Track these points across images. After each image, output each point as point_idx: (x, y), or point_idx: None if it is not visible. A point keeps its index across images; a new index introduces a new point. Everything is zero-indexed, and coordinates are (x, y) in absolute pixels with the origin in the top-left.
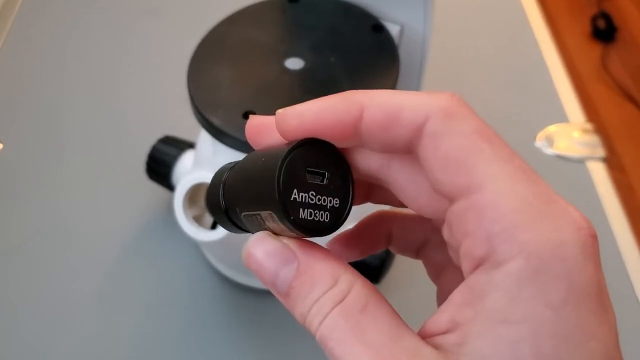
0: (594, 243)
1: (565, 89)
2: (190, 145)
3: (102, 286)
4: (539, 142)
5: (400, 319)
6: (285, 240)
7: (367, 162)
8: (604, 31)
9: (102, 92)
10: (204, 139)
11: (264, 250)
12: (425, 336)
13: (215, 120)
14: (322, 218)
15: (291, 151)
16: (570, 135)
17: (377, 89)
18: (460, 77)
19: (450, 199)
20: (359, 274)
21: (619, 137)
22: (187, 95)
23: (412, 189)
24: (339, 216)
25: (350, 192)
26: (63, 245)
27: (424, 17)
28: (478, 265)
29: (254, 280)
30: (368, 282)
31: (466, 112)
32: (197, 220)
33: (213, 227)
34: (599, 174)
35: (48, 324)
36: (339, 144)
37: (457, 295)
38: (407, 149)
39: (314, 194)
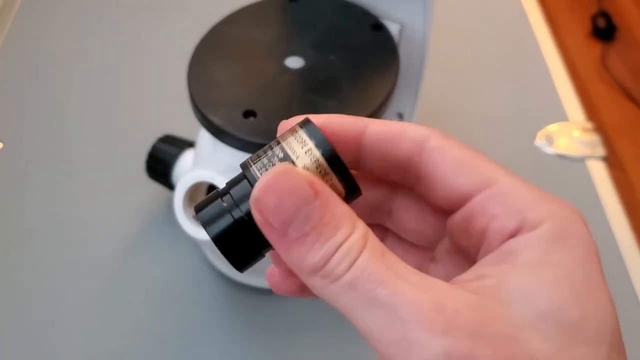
0: (582, 217)
1: (565, 88)
2: (190, 144)
3: (102, 285)
4: (539, 141)
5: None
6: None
7: (371, 194)
8: (604, 30)
9: (102, 91)
10: (204, 138)
11: (288, 185)
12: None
13: (215, 119)
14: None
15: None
16: (570, 134)
17: (377, 87)
18: (460, 76)
19: (467, 196)
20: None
21: (619, 136)
22: (187, 94)
23: (413, 213)
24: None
25: (328, 147)
26: (63, 243)
27: (424, 16)
28: (511, 237)
29: (254, 279)
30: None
31: (453, 138)
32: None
33: None
34: (599, 172)
35: (48, 322)
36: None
37: (485, 259)
38: (405, 165)
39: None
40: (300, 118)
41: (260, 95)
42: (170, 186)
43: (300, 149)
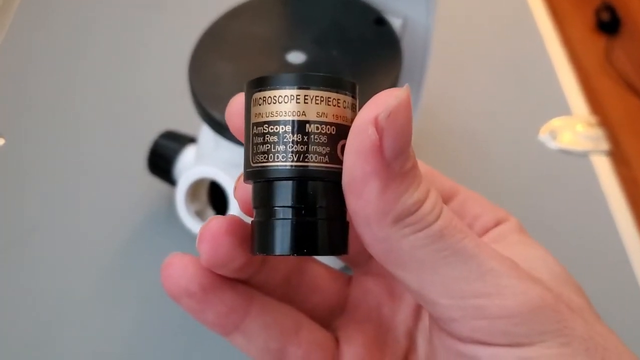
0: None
1: (568, 82)
2: (192, 140)
3: (103, 281)
4: (543, 136)
5: None
6: None
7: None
8: (608, 23)
9: (102, 87)
10: (206, 134)
11: (408, 117)
12: None
13: (217, 115)
14: None
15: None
16: (574, 129)
17: (379, 82)
18: (463, 70)
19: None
20: None
21: (623, 130)
22: (189, 90)
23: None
24: None
25: None
26: (64, 239)
27: (427, 10)
28: (496, 224)
29: None
30: None
31: None
32: (199, 215)
33: None
34: (603, 167)
35: (48, 319)
36: None
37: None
38: None
39: None
40: None
41: None
42: (171, 182)
43: None
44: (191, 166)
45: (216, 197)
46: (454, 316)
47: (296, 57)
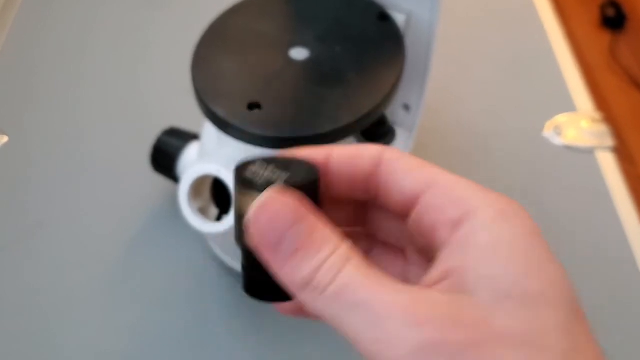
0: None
1: (573, 79)
2: (195, 137)
3: (107, 277)
4: (548, 132)
5: None
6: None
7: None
8: (613, 19)
9: (106, 85)
10: (209, 131)
11: (274, 210)
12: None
13: (220, 112)
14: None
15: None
16: (579, 125)
17: (383, 78)
18: (467, 67)
19: (416, 197)
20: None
21: (628, 127)
22: (191, 87)
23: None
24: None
25: (313, 177)
26: (67, 237)
27: (431, 5)
28: (456, 226)
29: None
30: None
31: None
32: (202, 212)
33: (218, 218)
34: (608, 163)
35: (53, 316)
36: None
37: (443, 254)
38: (366, 180)
39: (271, 171)
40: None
41: (265, 87)
42: (175, 179)
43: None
44: (194, 163)
45: (219, 194)
46: None
47: (299, 54)
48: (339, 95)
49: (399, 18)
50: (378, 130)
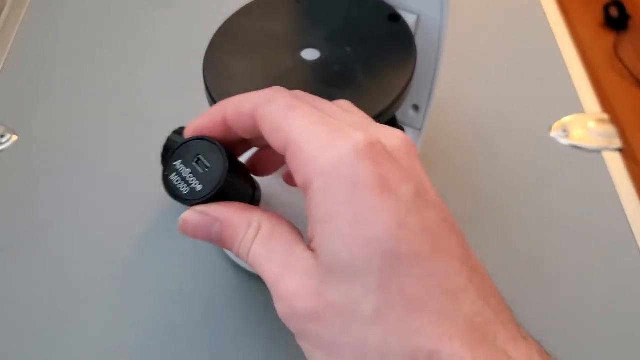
0: (371, 148)
1: (581, 79)
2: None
3: (114, 276)
4: (555, 133)
5: (297, 234)
6: (205, 207)
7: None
8: (617, 19)
9: (116, 84)
10: None
11: (193, 225)
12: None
13: None
14: (182, 189)
15: (190, 140)
16: (586, 126)
17: (393, 79)
18: (475, 67)
19: (283, 155)
20: (265, 211)
21: (631, 127)
22: (203, 87)
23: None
24: (195, 197)
25: (214, 190)
26: (75, 235)
27: (441, 6)
28: (306, 193)
29: None
30: (273, 214)
31: (279, 95)
32: None
33: None
34: (615, 164)
35: (61, 314)
36: (229, 138)
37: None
38: (257, 131)
39: (190, 173)
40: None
41: None
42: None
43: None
44: None
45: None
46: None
47: (310, 54)
48: (350, 96)
49: (410, 18)
50: None
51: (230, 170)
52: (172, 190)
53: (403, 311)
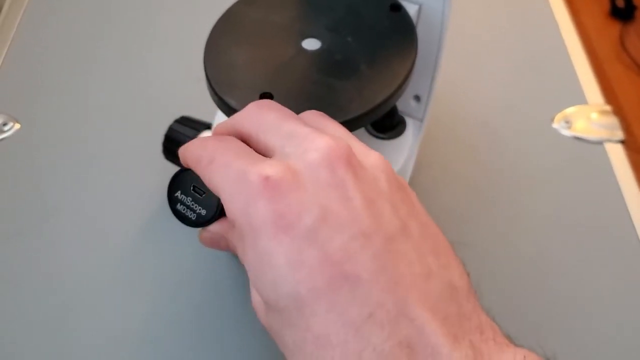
0: (265, 185)
1: (584, 71)
2: (207, 126)
3: (118, 265)
4: (557, 124)
5: None
6: (211, 226)
7: None
8: (623, 10)
9: (118, 73)
10: (221, 120)
11: (208, 243)
12: None
13: (232, 101)
14: (190, 216)
15: (179, 173)
16: (589, 117)
17: (394, 69)
18: (477, 58)
19: None
20: None
21: (636, 118)
22: (204, 76)
23: None
24: (202, 220)
25: (215, 212)
26: (79, 226)
27: None
28: None
29: None
30: None
31: (208, 145)
32: None
33: None
34: (618, 156)
35: (65, 304)
36: None
37: None
38: None
39: (191, 200)
40: None
41: (276, 78)
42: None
43: None
44: None
45: None
46: None
47: (311, 44)
48: (351, 86)
49: (411, 8)
50: (388, 121)
51: None
52: (182, 219)
53: (314, 346)
